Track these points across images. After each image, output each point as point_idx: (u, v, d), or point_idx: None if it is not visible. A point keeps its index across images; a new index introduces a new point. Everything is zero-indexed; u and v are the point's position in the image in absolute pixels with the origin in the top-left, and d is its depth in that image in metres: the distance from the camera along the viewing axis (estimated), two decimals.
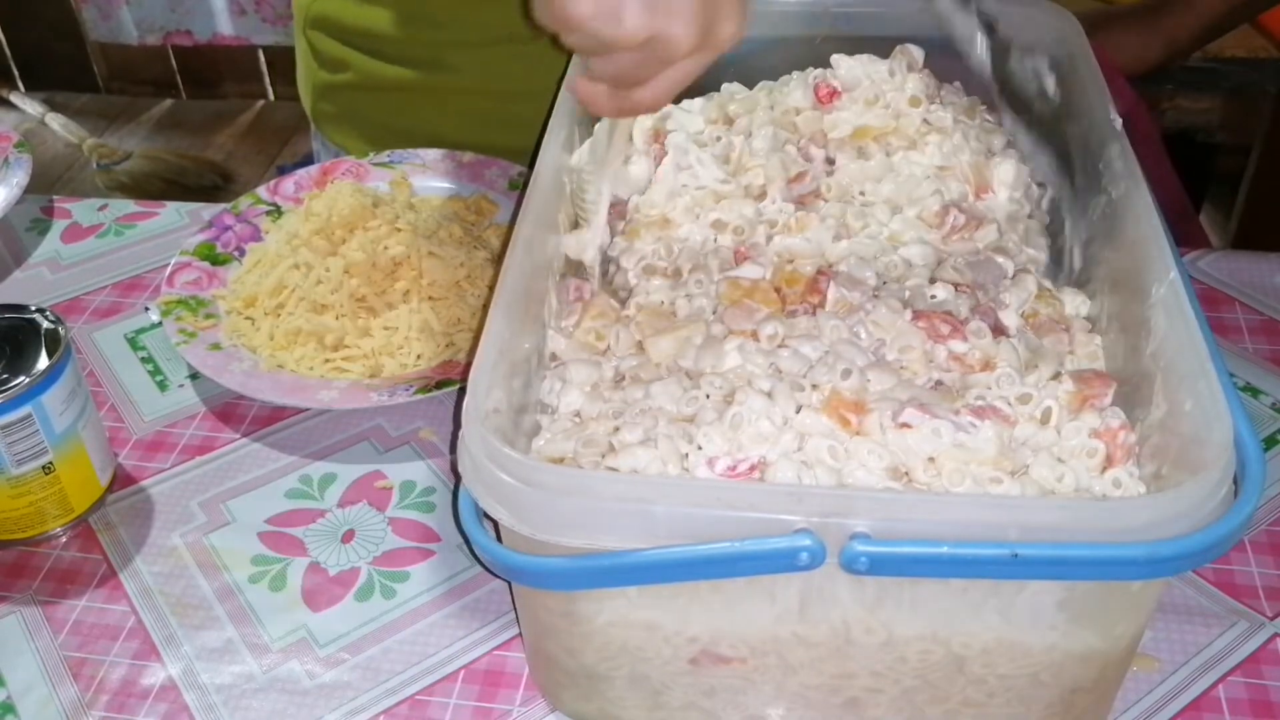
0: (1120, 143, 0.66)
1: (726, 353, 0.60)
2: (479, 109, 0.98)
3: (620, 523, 0.49)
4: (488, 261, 0.85)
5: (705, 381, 0.58)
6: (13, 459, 0.67)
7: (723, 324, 0.62)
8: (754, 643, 0.54)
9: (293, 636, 0.66)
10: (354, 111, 1.04)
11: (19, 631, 0.67)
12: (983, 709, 0.56)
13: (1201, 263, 0.89)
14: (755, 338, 0.61)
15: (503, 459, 0.50)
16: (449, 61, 0.97)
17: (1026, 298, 0.64)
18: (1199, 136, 1.75)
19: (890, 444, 0.55)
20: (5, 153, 0.98)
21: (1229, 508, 0.48)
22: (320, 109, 1.06)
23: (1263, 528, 0.69)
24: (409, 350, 0.80)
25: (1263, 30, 1.69)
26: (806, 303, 0.64)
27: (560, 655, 0.58)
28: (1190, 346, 0.53)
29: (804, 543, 0.48)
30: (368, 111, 1.03)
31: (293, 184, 0.95)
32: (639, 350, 0.63)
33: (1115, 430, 0.56)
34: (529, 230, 0.62)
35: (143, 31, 2.77)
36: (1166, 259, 0.58)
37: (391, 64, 0.99)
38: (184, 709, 0.63)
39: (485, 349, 0.55)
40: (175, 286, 0.85)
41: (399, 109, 1.01)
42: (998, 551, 0.47)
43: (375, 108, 1.02)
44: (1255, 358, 0.81)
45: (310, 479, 0.75)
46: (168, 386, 0.82)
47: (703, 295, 0.65)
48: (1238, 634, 0.64)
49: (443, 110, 0.99)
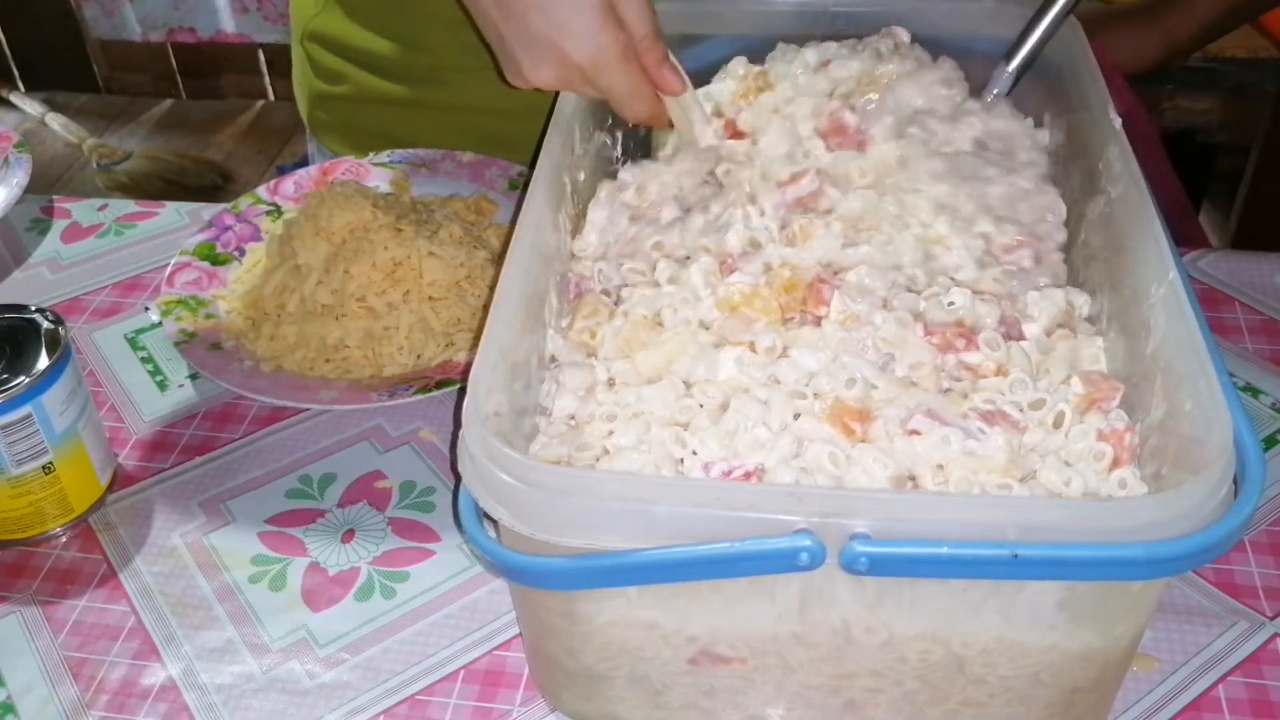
0: (1120, 143, 0.66)
1: (722, 364, 0.59)
2: (476, 125, 0.99)
3: (620, 523, 0.49)
4: (488, 261, 0.85)
5: (698, 390, 0.58)
6: (13, 459, 0.67)
7: (718, 334, 0.61)
8: (754, 643, 0.54)
9: (293, 636, 0.66)
10: (350, 121, 1.04)
11: (19, 631, 0.67)
12: (983, 709, 0.56)
13: (1201, 263, 0.89)
14: (753, 349, 0.60)
15: (503, 459, 0.50)
16: (445, 80, 0.97)
17: (1056, 314, 0.62)
18: (1199, 136, 1.75)
19: (897, 451, 0.55)
20: (5, 153, 0.98)
21: (1229, 508, 0.48)
22: (316, 117, 1.07)
23: (1263, 528, 0.69)
24: (409, 350, 0.80)
25: (1263, 30, 1.69)
26: (807, 312, 0.61)
27: (560, 655, 0.58)
28: (1190, 346, 0.53)
29: (804, 543, 0.48)
30: (364, 122, 1.03)
31: (293, 184, 0.95)
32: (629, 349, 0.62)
33: (1121, 433, 0.56)
34: (529, 230, 0.62)
35: (146, 28, 2.77)
36: (1166, 259, 0.58)
37: (388, 80, 0.99)
38: (184, 709, 0.63)
39: (485, 349, 0.55)
40: (175, 286, 0.85)
41: (395, 122, 1.01)
42: (998, 552, 0.47)
43: (371, 119, 1.02)
44: (1255, 358, 0.81)
45: (310, 479, 0.75)
46: (168, 386, 0.82)
47: (689, 308, 0.63)
48: (1238, 634, 0.64)
49: (439, 125, 1.00)
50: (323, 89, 1.04)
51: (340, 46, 1.00)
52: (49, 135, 2.67)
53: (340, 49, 1.01)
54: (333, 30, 1.00)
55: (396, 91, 0.99)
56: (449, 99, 0.98)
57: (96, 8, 2.77)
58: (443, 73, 0.97)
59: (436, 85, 0.98)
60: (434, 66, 0.97)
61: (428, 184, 0.96)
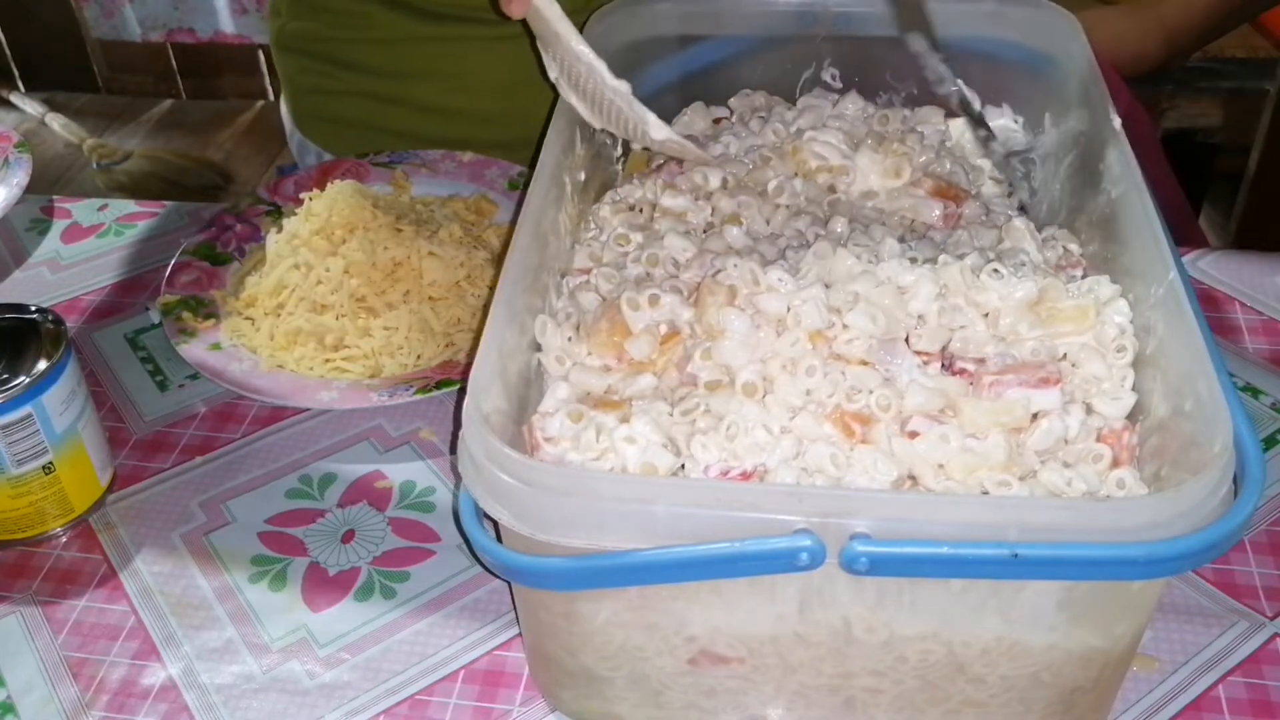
0: (1120, 143, 0.66)
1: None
2: (444, 105, 1.01)
3: (620, 523, 0.49)
4: (488, 261, 0.85)
5: (690, 400, 0.58)
6: (13, 459, 0.67)
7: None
8: (753, 643, 0.54)
9: (293, 636, 0.66)
10: (331, 114, 1.07)
11: (19, 631, 0.67)
12: (983, 709, 0.56)
13: (1201, 263, 0.89)
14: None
15: (503, 459, 0.50)
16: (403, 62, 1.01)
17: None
18: (1199, 136, 1.75)
19: (897, 452, 0.55)
20: (5, 153, 0.98)
21: (1229, 508, 0.48)
22: (299, 113, 1.10)
23: (1263, 528, 0.69)
24: (409, 350, 0.80)
25: (1263, 30, 1.69)
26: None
27: (560, 655, 0.58)
28: (1190, 347, 0.53)
29: (804, 543, 0.48)
30: (344, 114, 1.06)
31: (293, 184, 0.95)
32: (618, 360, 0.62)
33: (1120, 433, 0.56)
34: (529, 230, 0.62)
35: (146, 28, 2.77)
36: (1166, 259, 0.58)
37: (359, 74, 1.02)
38: (184, 709, 0.63)
39: (485, 349, 0.55)
40: (175, 286, 0.85)
41: (369, 111, 1.04)
42: (998, 551, 0.47)
43: (351, 110, 1.05)
44: (1255, 358, 0.81)
45: (310, 479, 0.75)
46: (168, 386, 0.82)
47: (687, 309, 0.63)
48: (1238, 634, 0.64)
49: (411, 109, 1.02)
50: (302, 84, 1.08)
51: (308, 43, 1.04)
52: (49, 135, 2.66)
53: (309, 46, 1.04)
54: (298, 32, 1.04)
55: (367, 81, 1.02)
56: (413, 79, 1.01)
57: (96, 8, 2.76)
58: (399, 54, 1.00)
59: (397, 68, 1.01)
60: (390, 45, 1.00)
61: (428, 184, 0.96)
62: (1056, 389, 0.56)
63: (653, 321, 0.61)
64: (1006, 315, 0.59)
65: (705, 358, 0.59)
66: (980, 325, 0.59)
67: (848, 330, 0.58)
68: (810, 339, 0.58)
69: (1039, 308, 0.59)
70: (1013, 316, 0.59)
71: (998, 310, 0.59)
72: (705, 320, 0.60)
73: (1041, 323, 0.59)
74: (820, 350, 0.58)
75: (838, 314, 0.58)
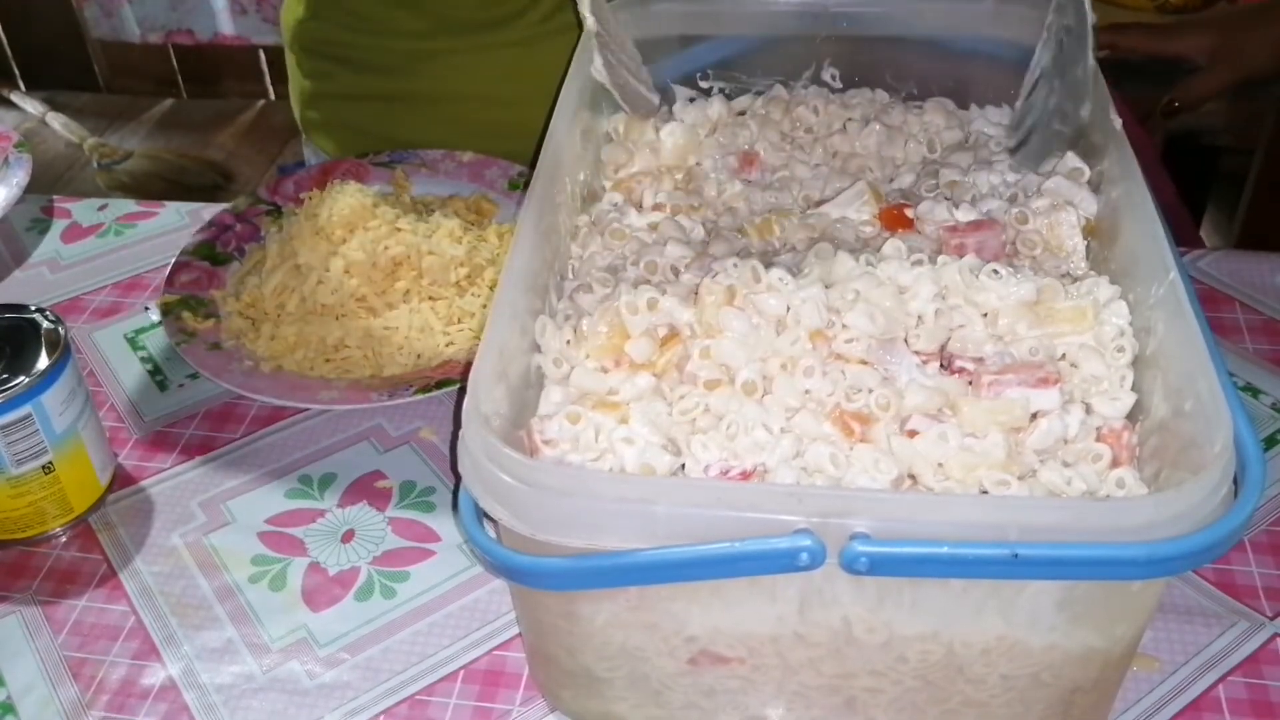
0: (1120, 143, 0.66)
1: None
2: (460, 116, 1.01)
3: (620, 523, 0.49)
4: (488, 261, 0.85)
5: (689, 399, 0.58)
6: (13, 459, 0.67)
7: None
8: (753, 643, 0.54)
9: (293, 636, 0.66)
10: (340, 120, 1.07)
11: (19, 631, 0.67)
12: (983, 709, 0.56)
13: (1201, 263, 0.89)
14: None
15: (503, 459, 0.50)
16: (422, 70, 1.01)
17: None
18: (1204, 138, 1.75)
19: (896, 451, 0.55)
20: (5, 152, 0.98)
21: (1229, 508, 0.48)
22: (308, 117, 1.10)
23: (1263, 528, 0.69)
24: (409, 350, 0.80)
25: None
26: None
27: (560, 655, 0.58)
28: (1190, 347, 0.53)
29: (804, 543, 0.48)
30: (354, 120, 1.06)
31: (293, 184, 0.95)
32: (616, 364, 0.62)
33: (1119, 432, 0.56)
34: (530, 230, 0.62)
35: (145, 30, 2.77)
36: (1166, 259, 0.58)
37: (372, 75, 1.02)
38: (184, 709, 0.63)
39: (485, 349, 0.55)
40: (175, 286, 0.85)
41: (383, 118, 1.03)
42: (998, 551, 0.47)
43: (360, 116, 1.05)
44: (1255, 358, 0.81)
45: (310, 479, 0.75)
46: (168, 386, 0.82)
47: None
48: (1238, 634, 0.64)
49: (424, 119, 1.02)
50: (312, 89, 1.07)
51: (325, 44, 1.04)
52: (49, 135, 2.67)
53: (325, 48, 1.04)
54: (316, 33, 1.03)
55: (383, 86, 1.02)
56: (431, 88, 1.01)
57: (96, 8, 2.77)
58: (419, 61, 1.00)
59: (414, 75, 1.01)
60: (411, 53, 1.00)
61: (428, 184, 0.96)
62: (1055, 389, 0.56)
63: (652, 325, 0.61)
64: (1005, 315, 0.59)
65: (704, 356, 0.59)
66: (979, 325, 0.59)
67: (847, 330, 0.58)
68: (810, 338, 0.58)
69: (1038, 308, 0.59)
70: (1011, 316, 0.59)
71: (996, 310, 0.59)
72: (704, 319, 0.60)
73: (1040, 323, 0.59)
74: (820, 350, 0.58)
75: (837, 314, 0.58)
